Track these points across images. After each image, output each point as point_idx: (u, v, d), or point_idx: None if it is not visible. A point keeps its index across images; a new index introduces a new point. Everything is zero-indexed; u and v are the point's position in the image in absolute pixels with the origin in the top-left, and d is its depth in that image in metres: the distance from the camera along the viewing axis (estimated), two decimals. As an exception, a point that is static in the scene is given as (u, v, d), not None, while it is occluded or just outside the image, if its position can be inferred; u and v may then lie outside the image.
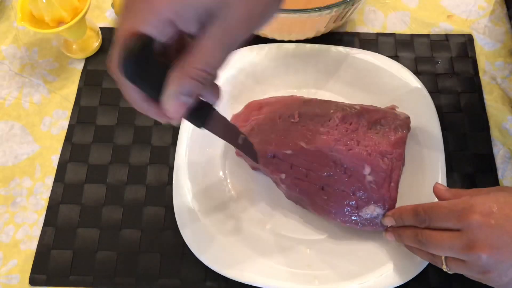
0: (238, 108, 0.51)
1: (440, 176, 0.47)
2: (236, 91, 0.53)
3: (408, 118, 0.47)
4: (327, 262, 0.45)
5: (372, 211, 0.42)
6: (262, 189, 0.49)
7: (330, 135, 0.45)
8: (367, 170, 0.43)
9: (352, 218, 0.43)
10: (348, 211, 0.43)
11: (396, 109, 0.49)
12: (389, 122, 0.46)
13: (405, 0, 0.62)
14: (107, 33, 0.59)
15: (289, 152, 0.45)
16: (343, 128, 0.45)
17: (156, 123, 0.53)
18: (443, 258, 0.37)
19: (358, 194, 0.43)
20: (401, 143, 0.45)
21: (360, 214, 0.43)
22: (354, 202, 0.43)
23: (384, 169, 0.43)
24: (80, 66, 0.57)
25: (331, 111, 0.47)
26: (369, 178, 0.43)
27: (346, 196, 0.43)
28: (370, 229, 0.44)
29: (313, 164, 0.44)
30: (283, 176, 0.45)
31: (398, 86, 0.52)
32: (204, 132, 0.50)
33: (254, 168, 0.49)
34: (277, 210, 0.48)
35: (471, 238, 0.34)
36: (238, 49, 0.53)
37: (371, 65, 0.53)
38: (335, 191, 0.43)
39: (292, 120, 0.47)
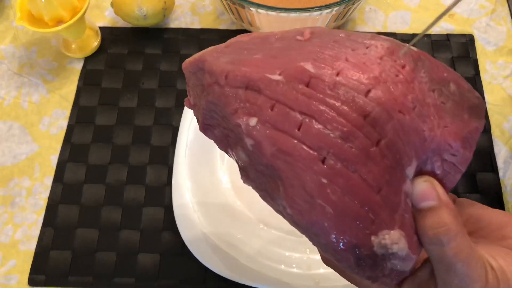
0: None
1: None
2: (236, 91, 0.52)
3: (483, 102, 0.28)
4: (328, 262, 0.44)
5: (393, 241, 0.22)
6: (262, 189, 0.49)
7: (366, 68, 0.23)
8: (412, 167, 0.23)
9: (356, 241, 0.22)
10: (357, 224, 0.22)
11: None
12: (463, 94, 0.26)
13: (406, -1, 0.62)
14: (106, 33, 0.59)
15: (276, 77, 0.24)
16: (391, 67, 0.24)
17: (156, 123, 0.53)
18: None
19: (385, 199, 0.23)
20: (475, 140, 0.26)
21: (372, 239, 0.22)
22: (375, 210, 0.22)
23: (438, 177, 0.24)
24: (79, 65, 0.57)
25: (371, 37, 0.26)
26: (409, 185, 0.23)
27: (366, 192, 0.22)
28: (365, 277, 0.24)
29: (320, 108, 0.22)
30: (252, 121, 0.24)
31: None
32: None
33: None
34: (277, 211, 0.48)
35: None
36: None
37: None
38: (347, 174, 0.22)
39: (299, 37, 0.27)
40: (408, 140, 0.23)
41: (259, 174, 0.25)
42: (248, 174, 0.26)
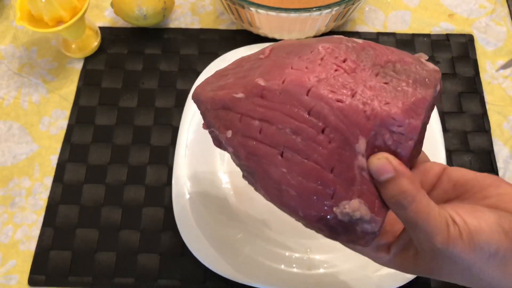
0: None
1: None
2: (236, 91, 0.52)
3: (438, 71, 0.29)
4: (328, 262, 0.44)
5: (354, 209, 0.27)
6: (262, 189, 0.49)
7: (308, 71, 0.28)
8: (360, 143, 0.27)
9: (321, 214, 0.27)
10: (317, 199, 0.27)
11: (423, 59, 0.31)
12: (408, 70, 0.29)
13: (405, -1, 0.62)
14: (106, 33, 0.59)
15: (240, 95, 0.29)
16: (331, 64, 0.28)
17: (156, 123, 0.53)
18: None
19: (338, 175, 0.27)
20: (421, 108, 0.27)
21: (335, 210, 0.27)
22: (330, 186, 0.27)
23: (391, 148, 0.27)
24: (79, 65, 0.57)
25: (316, 41, 0.30)
26: (361, 160, 0.27)
27: (319, 173, 0.27)
28: (344, 241, 0.29)
29: (272, 113, 0.28)
30: (229, 133, 0.30)
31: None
32: (203, 132, 0.50)
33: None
34: (278, 210, 0.48)
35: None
36: (237, 48, 0.54)
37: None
38: (301, 161, 0.27)
39: (261, 56, 0.32)
40: (350, 122, 0.27)
41: (246, 172, 0.30)
42: (243, 172, 0.31)
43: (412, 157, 0.29)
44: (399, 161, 0.27)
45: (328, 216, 0.27)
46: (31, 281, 0.46)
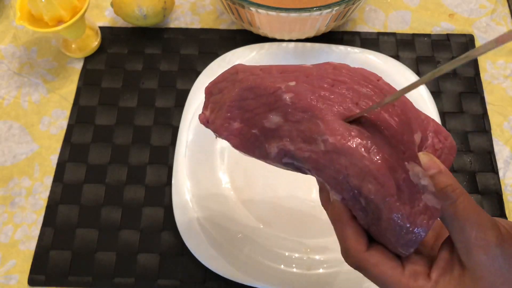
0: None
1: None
2: (236, 91, 0.52)
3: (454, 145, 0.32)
4: (328, 262, 0.44)
5: (423, 172, 0.26)
6: (262, 189, 0.49)
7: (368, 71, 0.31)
8: (417, 135, 0.28)
9: (389, 158, 0.25)
10: (388, 145, 0.26)
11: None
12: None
13: (406, -1, 0.62)
14: (106, 33, 0.59)
15: (309, 66, 0.31)
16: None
17: (156, 122, 0.53)
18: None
19: (407, 138, 0.27)
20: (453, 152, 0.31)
21: (406, 164, 0.26)
22: (400, 142, 0.26)
23: (437, 154, 0.29)
24: (79, 65, 0.57)
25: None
26: (416, 148, 0.28)
27: (389, 125, 0.27)
28: (406, 214, 0.25)
29: (346, 79, 0.29)
30: (291, 83, 0.29)
31: (400, 86, 0.52)
32: (203, 132, 0.50)
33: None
34: (278, 210, 0.48)
35: None
36: (237, 48, 0.54)
37: (372, 65, 0.52)
38: (377, 111, 0.27)
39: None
40: (411, 114, 0.28)
41: (295, 124, 0.28)
42: (282, 134, 0.28)
43: None
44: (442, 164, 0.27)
45: (399, 167, 0.25)
46: (31, 281, 0.46)
